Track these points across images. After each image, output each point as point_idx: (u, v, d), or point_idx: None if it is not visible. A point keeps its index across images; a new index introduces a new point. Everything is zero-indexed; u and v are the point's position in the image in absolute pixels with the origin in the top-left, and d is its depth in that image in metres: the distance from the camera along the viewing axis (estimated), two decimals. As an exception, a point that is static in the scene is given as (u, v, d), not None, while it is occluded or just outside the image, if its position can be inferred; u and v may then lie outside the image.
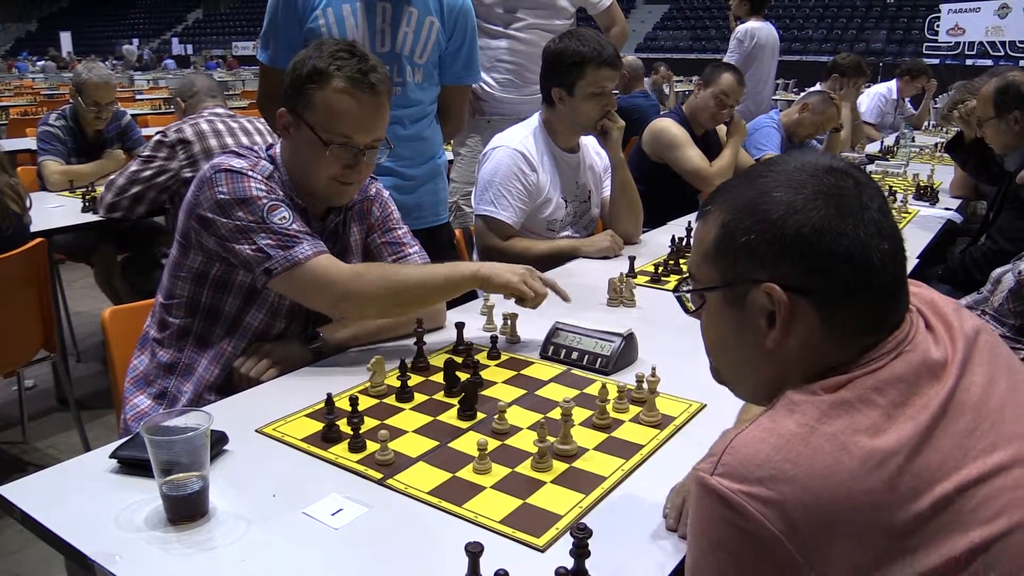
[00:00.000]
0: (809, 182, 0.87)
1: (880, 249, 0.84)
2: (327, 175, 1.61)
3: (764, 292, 0.86)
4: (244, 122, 3.15)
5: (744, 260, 0.88)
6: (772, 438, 0.78)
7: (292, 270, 1.53)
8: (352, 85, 1.56)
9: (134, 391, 1.63)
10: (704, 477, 0.79)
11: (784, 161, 0.91)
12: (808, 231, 0.84)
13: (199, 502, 1.10)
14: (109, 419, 2.86)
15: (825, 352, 0.86)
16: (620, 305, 2.02)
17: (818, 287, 0.85)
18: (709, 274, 0.93)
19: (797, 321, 0.86)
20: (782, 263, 0.86)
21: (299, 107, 1.59)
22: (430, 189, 2.46)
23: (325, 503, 1.13)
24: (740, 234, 0.88)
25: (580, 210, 2.70)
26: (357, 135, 1.59)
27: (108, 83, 3.77)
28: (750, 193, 0.90)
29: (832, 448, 0.76)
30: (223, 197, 1.54)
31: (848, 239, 0.83)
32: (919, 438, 0.77)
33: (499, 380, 1.55)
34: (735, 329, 0.92)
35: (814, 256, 0.84)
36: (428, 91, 2.37)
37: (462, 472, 1.21)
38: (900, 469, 0.75)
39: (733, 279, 0.90)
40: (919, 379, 0.82)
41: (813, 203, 0.85)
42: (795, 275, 0.85)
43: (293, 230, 1.55)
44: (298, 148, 1.62)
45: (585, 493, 1.16)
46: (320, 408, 1.38)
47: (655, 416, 1.37)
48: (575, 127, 2.55)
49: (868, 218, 0.85)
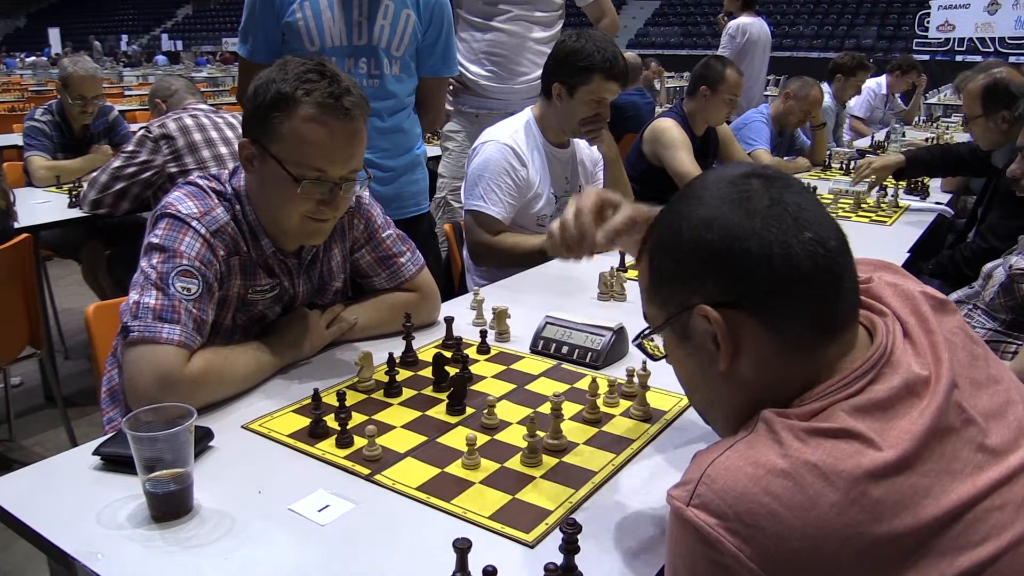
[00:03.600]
0: (715, 193, 0.86)
1: (802, 239, 0.81)
2: (299, 213, 1.46)
3: (699, 315, 0.85)
4: (229, 117, 3.13)
5: (675, 289, 0.88)
6: (750, 467, 0.76)
7: (142, 344, 1.35)
8: (323, 112, 1.40)
9: (109, 403, 1.58)
10: (680, 508, 0.77)
11: (697, 181, 0.91)
12: (718, 241, 0.83)
13: (183, 499, 1.08)
14: (97, 416, 2.83)
15: (785, 366, 0.84)
16: (610, 299, 2.01)
17: (746, 295, 0.83)
18: (655, 314, 0.93)
19: (742, 337, 0.84)
20: (706, 280, 0.85)
21: (264, 138, 1.43)
22: (409, 180, 2.48)
23: (312, 499, 1.11)
24: (664, 264, 0.89)
25: (570, 205, 2.69)
26: (332, 168, 1.43)
27: (94, 76, 3.74)
28: (667, 220, 0.90)
29: (812, 479, 0.73)
30: (154, 241, 1.43)
31: (759, 238, 0.81)
32: (903, 464, 0.74)
33: (488, 375, 1.54)
34: (693, 362, 0.91)
35: (731, 265, 0.83)
36: (406, 83, 2.39)
37: (451, 467, 1.20)
38: (884, 498, 0.73)
39: (673, 311, 0.89)
40: (901, 401, 0.79)
41: (719, 211, 0.84)
42: (720, 289, 0.84)
43: (184, 307, 1.38)
44: (264, 183, 1.47)
45: (575, 488, 1.15)
46: (307, 403, 1.37)
47: (645, 410, 1.37)
48: (564, 128, 2.55)
49: (780, 212, 0.82)
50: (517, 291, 2.09)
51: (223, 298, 1.52)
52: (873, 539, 0.72)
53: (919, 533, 0.73)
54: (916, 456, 0.75)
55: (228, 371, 1.42)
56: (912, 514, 0.73)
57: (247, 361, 1.46)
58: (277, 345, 1.54)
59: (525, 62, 3.27)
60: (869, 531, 0.72)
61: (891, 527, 0.72)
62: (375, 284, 1.77)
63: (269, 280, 1.58)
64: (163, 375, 1.33)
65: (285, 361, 1.55)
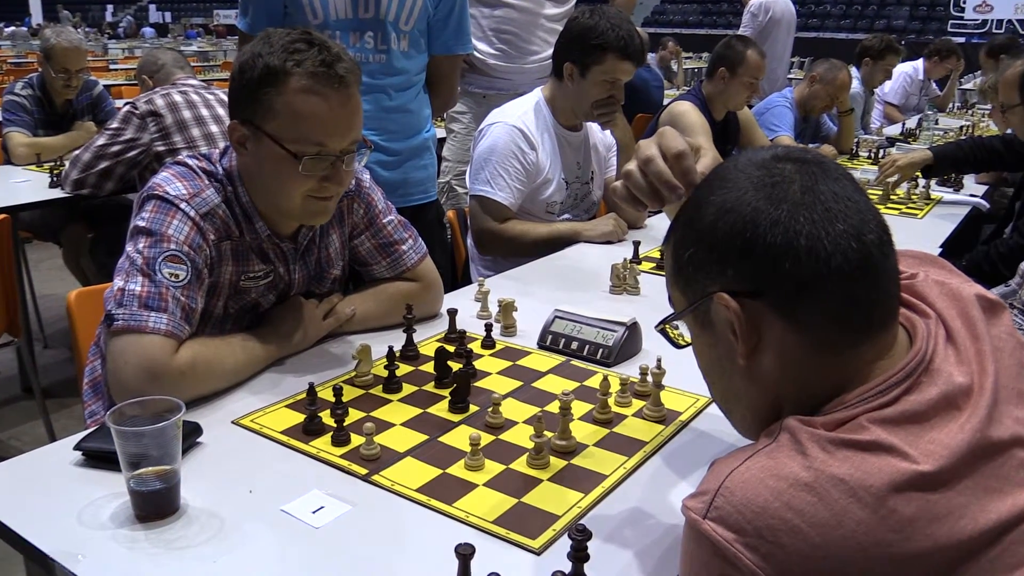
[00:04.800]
0: (740, 177, 0.86)
1: (833, 231, 0.80)
2: (301, 192, 1.46)
3: (719, 304, 0.85)
4: (220, 94, 3.12)
5: (695, 275, 0.89)
6: (772, 480, 0.75)
7: (127, 334, 1.35)
8: (317, 82, 1.40)
9: (92, 396, 1.58)
10: (696, 520, 0.76)
11: (723, 165, 0.91)
12: (740, 227, 0.83)
13: (169, 498, 1.08)
14: (77, 408, 2.85)
15: (811, 367, 0.84)
16: (623, 293, 2.01)
17: (767, 287, 0.82)
18: (678, 300, 0.94)
19: (763, 331, 0.84)
20: (726, 268, 0.85)
21: (256, 117, 1.43)
22: (417, 165, 2.45)
23: (305, 500, 1.11)
24: (685, 249, 0.89)
25: (581, 192, 2.68)
26: (332, 140, 1.44)
27: (78, 48, 3.73)
28: (693, 201, 0.91)
29: (838, 494, 0.72)
30: (140, 224, 1.43)
31: (784, 227, 0.81)
32: (939, 480, 0.73)
33: (493, 371, 1.54)
34: (713, 353, 0.92)
35: (752, 254, 0.82)
36: (415, 60, 2.36)
37: (453, 468, 1.20)
38: (917, 516, 0.72)
39: (694, 298, 0.90)
40: (938, 414, 0.78)
41: (743, 197, 0.84)
42: (741, 278, 0.84)
43: (171, 295, 1.39)
44: (261, 165, 1.47)
45: (584, 492, 1.15)
46: (301, 398, 1.37)
47: (659, 411, 1.36)
48: (576, 110, 2.54)
49: (811, 201, 0.82)
50: (525, 282, 2.09)
51: (213, 285, 1.52)
52: (902, 560, 0.71)
53: (952, 554, 0.72)
54: (953, 472, 0.74)
55: (218, 363, 1.42)
56: (946, 534, 0.72)
57: (238, 352, 1.47)
58: (271, 336, 1.54)
59: (536, 40, 3.26)
60: (898, 551, 0.71)
61: (922, 547, 0.71)
62: (375, 272, 1.77)
63: (263, 266, 1.58)
64: (149, 366, 1.33)
65: (279, 353, 1.55)
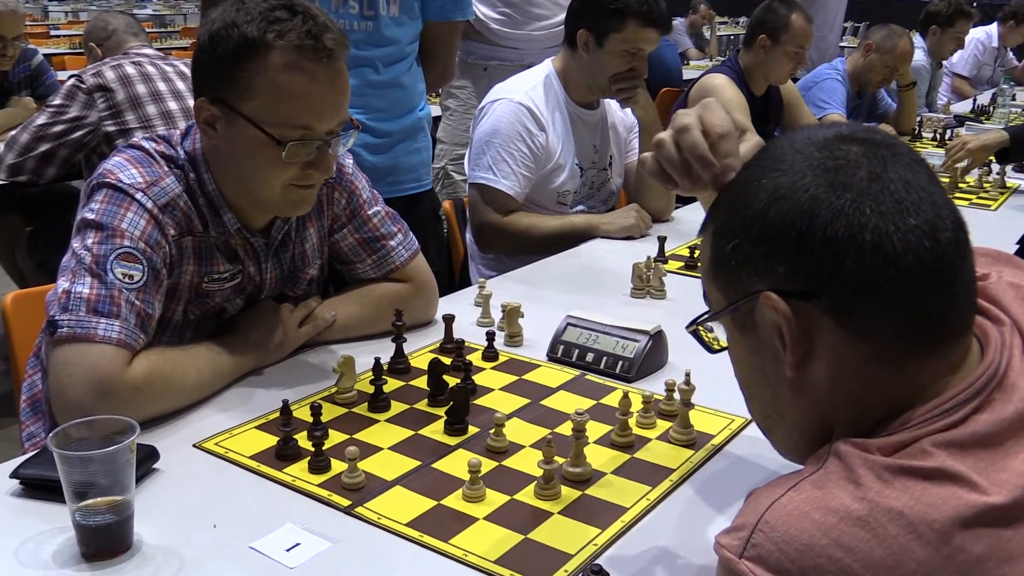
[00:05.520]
0: (797, 158, 0.85)
1: (904, 226, 0.80)
2: (282, 181, 1.47)
3: (766, 305, 0.85)
4: (180, 65, 3.13)
5: (739, 270, 0.88)
6: (819, 513, 0.75)
7: (73, 343, 1.35)
8: (302, 56, 1.40)
9: (31, 415, 1.59)
10: (731, 559, 0.76)
11: (775, 143, 0.91)
12: (795, 217, 0.82)
13: (121, 533, 1.09)
14: (14, 430, 2.84)
15: (868, 381, 0.84)
16: (647, 296, 2.01)
17: (825, 287, 0.82)
18: (716, 297, 0.94)
19: (815, 338, 0.84)
20: (776, 264, 0.85)
21: (230, 96, 1.43)
22: (409, 148, 2.46)
23: (279, 536, 1.12)
24: (728, 239, 0.89)
25: (598, 180, 2.69)
26: (319, 123, 1.45)
27: (14, 12, 3.74)
28: (737, 189, 0.90)
29: (896, 530, 0.73)
30: (89, 216, 1.44)
31: (848, 220, 0.80)
32: (1012, 516, 0.73)
33: (496, 386, 1.55)
34: (755, 361, 0.92)
35: (810, 249, 0.82)
36: (407, 28, 2.37)
37: (449, 500, 1.21)
38: (987, 556, 0.72)
39: (735, 297, 0.90)
40: (1012, 437, 0.78)
41: (802, 181, 0.83)
42: (793, 275, 0.84)
43: (125, 299, 1.39)
44: (235, 150, 1.48)
45: (601, 527, 1.15)
46: (274, 418, 1.38)
47: (689, 433, 1.37)
48: (591, 85, 2.55)
49: (879, 190, 0.81)
50: (532, 284, 2.10)
51: (173, 287, 1.53)
52: None
53: None
54: None
55: (178, 377, 1.42)
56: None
57: (201, 365, 1.47)
58: (239, 346, 1.55)
59: (545, 3, 3.28)
60: None
61: None
62: (358, 272, 1.78)
63: (229, 266, 1.59)
64: (98, 381, 1.34)
65: (248, 366, 1.56)
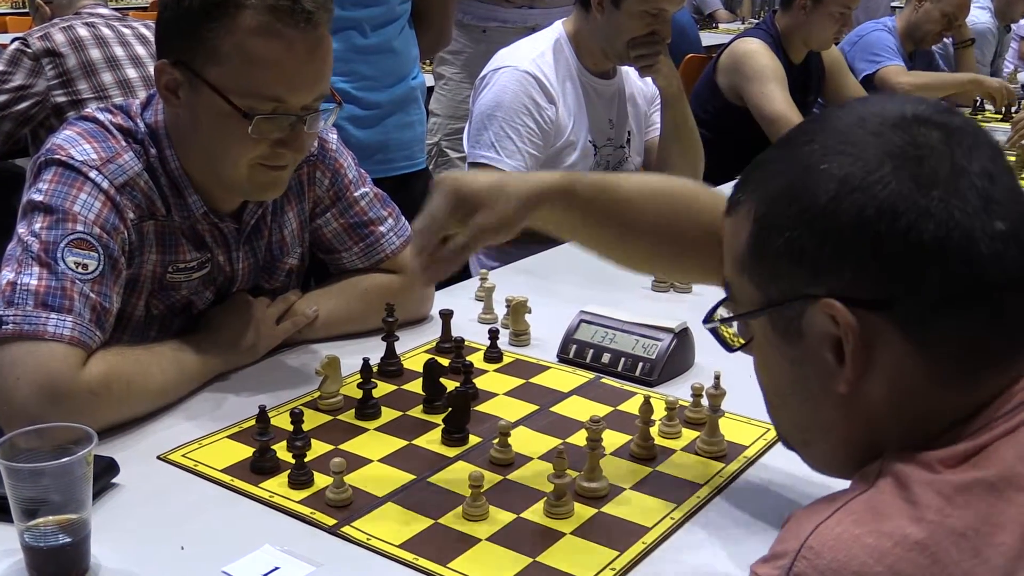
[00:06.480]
0: (871, 142, 0.83)
1: (991, 231, 0.79)
2: (248, 160, 1.47)
3: (823, 312, 0.83)
4: (139, 27, 3.12)
5: (789, 268, 0.86)
6: (872, 537, 0.74)
7: (20, 341, 1.35)
8: (277, 19, 1.40)
9: None
10: None
11: (836, 116, 0.89)
12: (873, 215, 0.80)
13: (76, 556, 1.09)
14: (-48, 441, 2.86)
15: (932, 400, 0.83)
16: (670, 290, 2.01)
17: (899, 298, 0.81)
18: (748, 292, 0.92)
19: (878, 351, 0.83)
20: (843, 267, 0.83)
21: (195, 60, 1.44)
22: (401, 122, 2.47)
23: (254, 559, 1.12)
24: (779, 231, 0.86)
25: (614, 159, 2.69)
26: (292, 95, 1.45)
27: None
28: (789, 169, 0.88)
29: (960, 555, 0.72)
30: (37, 198, 1.45)
31: (935, 221, 0.79)
32: None
33: (500, 391, 1.55)
34: (796, 371, 0.90)
35: (887, 251, 0.80)
36: None
37: (447, 518, 1.21)
38: None
39: (778, 297, 0.88)
40: None
41: (878, 172, 0.81)
42: (863, 283, 0.82)
43: (78, 291, 1.39)
44: (198, 122, 1.49)
45: (619, 550, 1.15)
46: (249, 426, 1.38)
47: (718, 444, 1.37)
48: (607, 51, 2.54)
49: (964, 187, 0.80)
50: (541, 276, 2.10)
51: (133, 278, 1.54)
52: None
53: None
54: None
55: (140, 379, 1.43)
56: None
57: (166, 366, 1.47)
58: (209, 345, 1.55)
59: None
60: None
61: None
62: (344, 262, 1.79)
63: (197, 254, 1.59)
64: (49, 383, 1.34)
65: (219, 368, 1.56)
